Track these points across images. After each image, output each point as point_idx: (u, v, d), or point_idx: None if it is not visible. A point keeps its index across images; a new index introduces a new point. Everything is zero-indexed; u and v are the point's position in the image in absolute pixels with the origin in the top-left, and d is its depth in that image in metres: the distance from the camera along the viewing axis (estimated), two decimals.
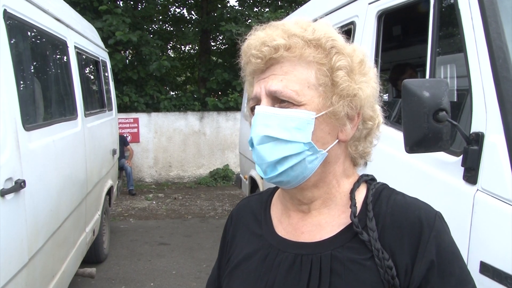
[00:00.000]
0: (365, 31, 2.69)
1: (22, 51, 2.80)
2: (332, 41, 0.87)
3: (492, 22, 1.71)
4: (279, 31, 0.88)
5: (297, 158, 0.85)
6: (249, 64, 0.91)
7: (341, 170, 0.92)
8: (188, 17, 13.27)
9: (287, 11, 10.85)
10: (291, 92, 0.85)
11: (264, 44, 0.87)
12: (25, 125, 2.48)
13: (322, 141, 0.87)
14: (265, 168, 0.87)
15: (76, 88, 3.88)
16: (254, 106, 0.91)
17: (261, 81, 0.89)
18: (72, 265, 3.56)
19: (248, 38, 0.92)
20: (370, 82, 0.91)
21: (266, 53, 0.86)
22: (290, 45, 0.86)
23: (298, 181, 0.88)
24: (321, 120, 0.86)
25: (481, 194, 1.64)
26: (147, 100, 9.98)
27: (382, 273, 0.82)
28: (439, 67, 2.26)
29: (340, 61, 0.86)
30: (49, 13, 3.34)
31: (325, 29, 0.89)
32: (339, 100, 0.86)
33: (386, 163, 2.24)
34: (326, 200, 0.92)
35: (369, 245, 0.84)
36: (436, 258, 0.82)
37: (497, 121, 1.63)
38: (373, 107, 0.93)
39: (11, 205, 2.23)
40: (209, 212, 7.64)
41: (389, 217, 0.86)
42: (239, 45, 0.94)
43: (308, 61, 0.86)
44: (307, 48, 0.86)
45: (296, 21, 0.91)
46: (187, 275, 4.92)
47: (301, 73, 0.86)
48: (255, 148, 0.87)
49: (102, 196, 4.94)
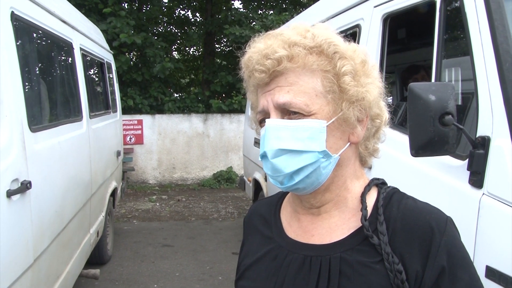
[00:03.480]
0: (370, 34, 2.69)
1: (28, 52, 2.82)
2: (334, 46, 0.86)
3: (499, 25, 1.70)
4: (279, 42, 0.87)
5: (313, 166, 0.85)
6: (252, 78, 0.90)
7: (351, 171, 0.93)
8: (193, 19, 13.31)
9: (292, 13, 10.85)
10: (299, 102, 0.85)
11: (266, 57, 0.86)
12: (31, 126, 2.50)
13: (335, 146, 0.87)
14: (282, 179, 0.87)
15: (81, 90, 3.90)
16: (262, 119, 0.90)
17: (266, 94, 0.89)
18: (76, 266, 3.57)
19: (248, 51, 0.91)
20: (375, 82, 0.91)
21: (269, 66, 0.86)
22: (292, 55, 0.85)
23: (313, 187, 0.88)
24: (332, 127, 0.86)
25: (487, 198, 1.64)
26: (151, 102, 10.00)
27: (392, 277, 0.82)
28: (444, 70, 2.25)
29: (345, 66, 0.86)
30: (55, 15, 3.36)
31: (324, 34, 0.88)
32: (349, 105, 0.86)
33: (391, 166, 2.23)
34: (337, 202, 0.92)
35: (379, 248, 0.84)
36: (447, 264, 0.82)
37: (503, 125, 1.62)
38: (379, 105, 0.93)
39: (17, 206, 2.24)
40: (212, 214, 7.64)
41: (399, 221, 0.86)
42: (243, 49, 0.93)
43: (312, 70, 0.86)
44: (310, 56, 0.86)
45: (294, 27, 0.90)
46: (190, 277, 4.91)
47: (307, 82, 0.86)
48: (269, 162, 0.86)
49: (106, 197, 4.95)
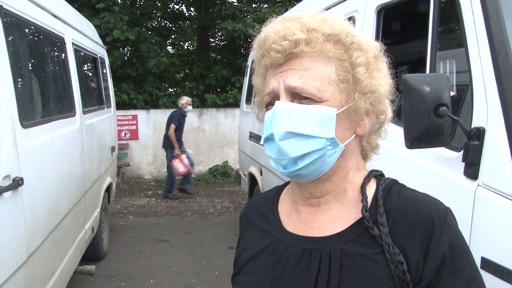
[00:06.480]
0: (364, 26, 2.67)
1: (19, 48, 2.78)
2: (351, 37, 0.86)
3: (493, 16, 1.69)
4: (298, 25, 0.86)
5: (319, 153, 0.85)
6: (266, 58, 0.89)
7: (354, 164, 0.93)
8: (187, 13, 13.24)
9: (286, 7, 10.82)
10: (312, 88, 0.84)
11: (284, 37, 0.85)
12: (22, 122, 2.47)
13: (342, 136, 0.87)
14: (286, 163, 0.86)
15: (74, 85, 3.86)
16: (269, 102, 0.90)
17: (278, 75, 0.87)
18: (71, 263, 3.55)
19: (264, 31, 0.90)
20: (386, 77, 0.91)
21: (286, 47, 0.84)
22: (310, 40, 0.85)
23: (316, 175, 0.88)
24: (342, 116, 0.86)
25: (482, 189, 1.64)
26: (146, 97, 9.96)
27: (393, 268, 0.82)
28: (439, 62, 2.24)
29: (360, 58, 0.86)
30: (47, 10, 3.32)
31: (341, 24, 0.88)
32: (361, 96, 0.86)
33: (386, 158, 2.22)
34: (337, 194, 0.92)
35: (380, 240, 0.84)
36: (448, 254, 0.82)
37: (498, 116, 1.62)
38: (385, 102, 0.94)
39: (9, 203, 2.22)
40: (208, 209, 7.63)
41: (399, 212, 0.86)
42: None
43: (328, 57, 0.86)
44: (327, 43, 0.86)
45: (311, 14, 0.90)
46: (186, 272, 4.92)
47: (321, 68, 0.85)
48: (276, 144, 0.85)
49: (101, 193, 4.93)
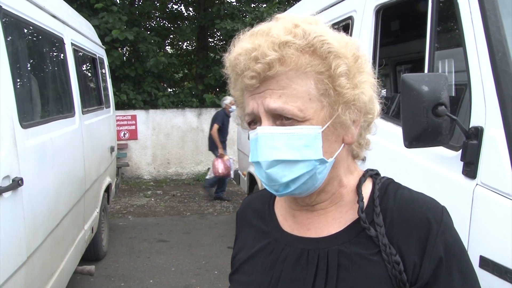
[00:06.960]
0: (363, 26, 2.67)
1: (18, 48, 2.78)
2: (327, 45, 0.80)
3: (491, 15, 1.70)
4: (268, 42, 0.80)
5: (309, 174, 0.82)
6: (240, 82, 0.85)
7: (345, 168, 0.91)
8: (186, 13, 13.22)
9: (285, 6, 10.81)
10: (293, 108, 0.80)
11: (255, 60, 0.79)
12: (22, 122, 2.47)
13: (330, 150, 0.84)
14: (278, 187, 0.84)
15: (73, 85, 3.86)
16: (251, 122, 0.87)
17: (256, 96, 0.83)
18: (71, 263, 3.55)
19: (233, 49, 0.85)
20: (369, 78, 0.87)
21: (259, 70, 0.80)
22: (284, 57, 0.79)
23: (309, 192, 0.86)
24: (327, 132, 0.83)
25: (481, 188, 1.64)
26: (145, 97, 9.95)
27: (390, 268, 0.82)
28: (437, 62, 2.25)
29: (340, 67, 0.81)
30: (46, 10, 3.32)
31: (315, 30, 0.82)
32: (345, 109, 0.83)
33: (385, 158, 2.23)
34: (333, 199, 0.91)
35: (376, 240, 0.84)
36: (444, 254, 0.82)
37: (497, 115, 1.62)
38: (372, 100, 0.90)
39: (8, 203, 2.22)
40: (207, 209, 7.63)
41: (396, 212, 0.86)
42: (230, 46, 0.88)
43: (305, 72, 0.80)
44: (302, 57, 0.80)
45: (281, 21, 0.85)
46: (186, 271, 4.92)
47: (300, 85, 0.80)
48: (264, 172, 0.83)
49: (100, 193, 4.92)
